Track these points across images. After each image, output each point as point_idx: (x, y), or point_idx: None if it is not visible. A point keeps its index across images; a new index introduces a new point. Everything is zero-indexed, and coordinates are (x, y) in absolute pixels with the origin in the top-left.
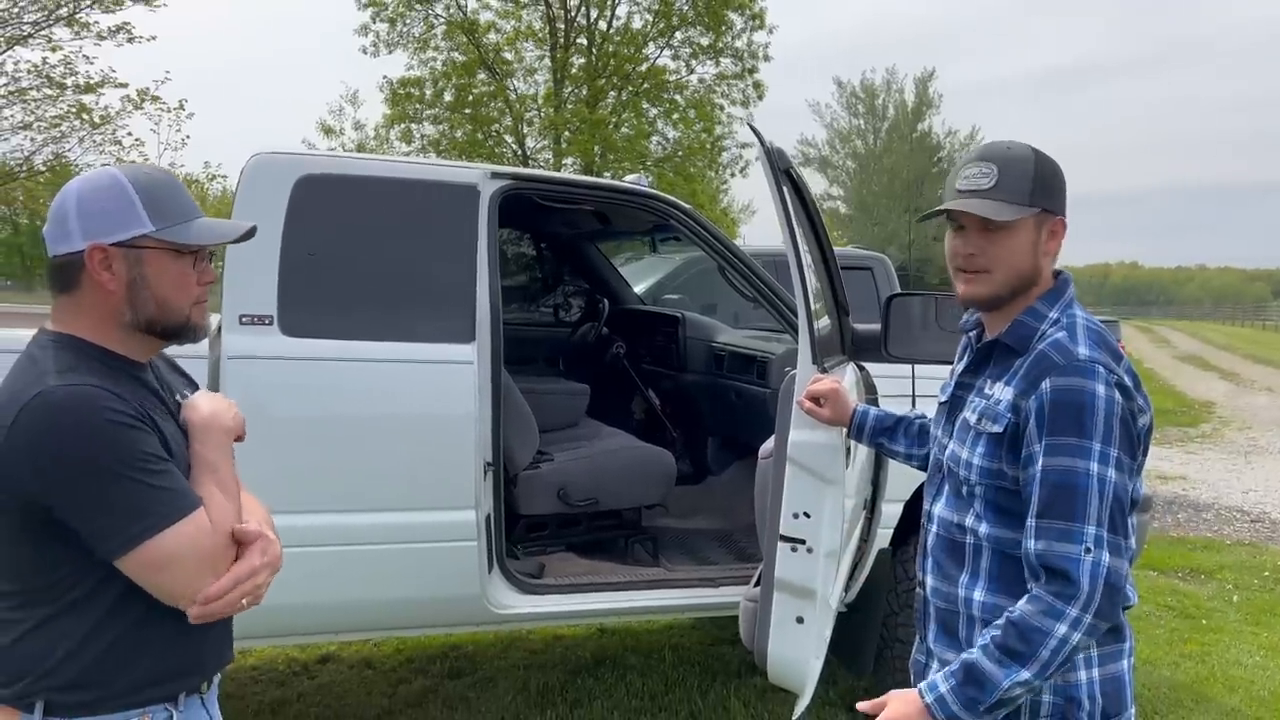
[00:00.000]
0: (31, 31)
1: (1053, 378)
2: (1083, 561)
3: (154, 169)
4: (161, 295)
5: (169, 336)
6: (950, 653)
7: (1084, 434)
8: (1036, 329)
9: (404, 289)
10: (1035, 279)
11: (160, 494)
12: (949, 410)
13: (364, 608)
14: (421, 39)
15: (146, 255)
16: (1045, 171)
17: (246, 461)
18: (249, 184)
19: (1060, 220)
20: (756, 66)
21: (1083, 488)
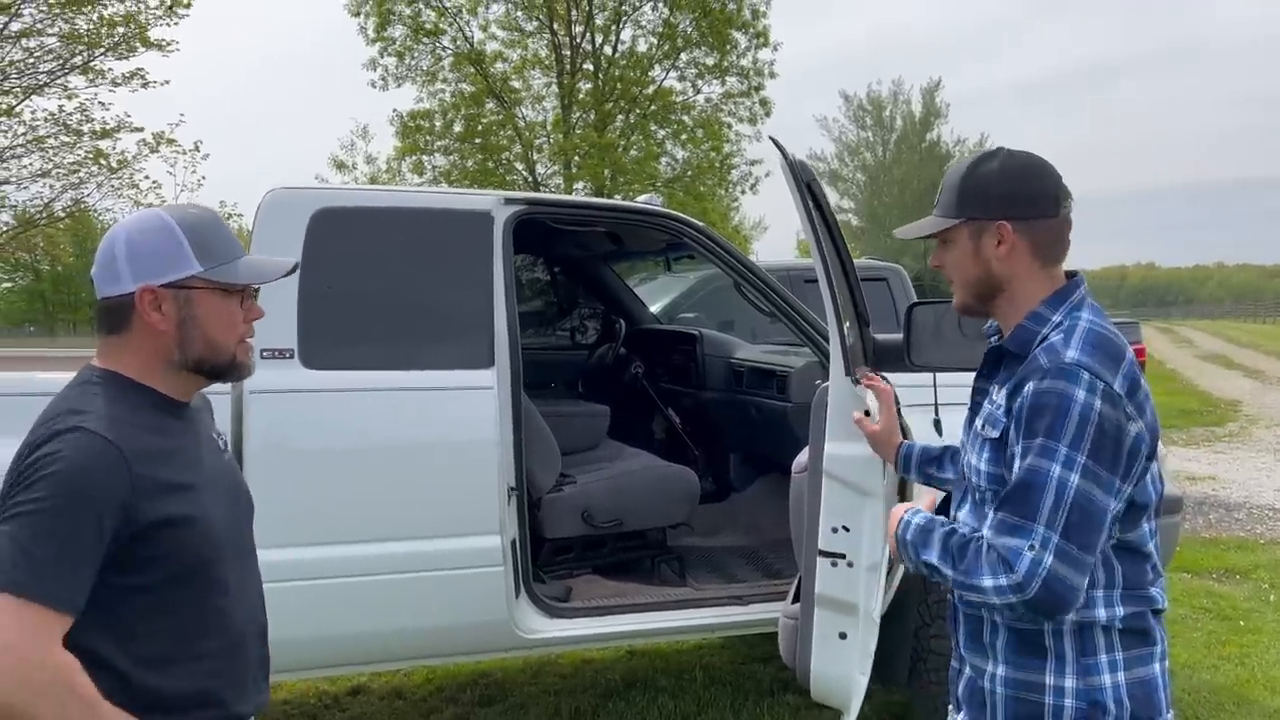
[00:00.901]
0: (47, 80)
1: (1035, 381)
2: (1023, 555)
3: (199, 208)
4: (210, 335)
5: (216, 375)
6: (979, 659)
7: (1053, 436)
8: (1038, 333)
9: (422, 317)
10: (997, 284)
11: (23, 559)
12: (970, 418)
13: (392, 637)
14: (430, 71)
15: (196, 295)
16: (976, 182)
17: (272, 494)
18: (266, 219)
19: (1000, 225)
20: (762, 84)
21: (1040, 486)
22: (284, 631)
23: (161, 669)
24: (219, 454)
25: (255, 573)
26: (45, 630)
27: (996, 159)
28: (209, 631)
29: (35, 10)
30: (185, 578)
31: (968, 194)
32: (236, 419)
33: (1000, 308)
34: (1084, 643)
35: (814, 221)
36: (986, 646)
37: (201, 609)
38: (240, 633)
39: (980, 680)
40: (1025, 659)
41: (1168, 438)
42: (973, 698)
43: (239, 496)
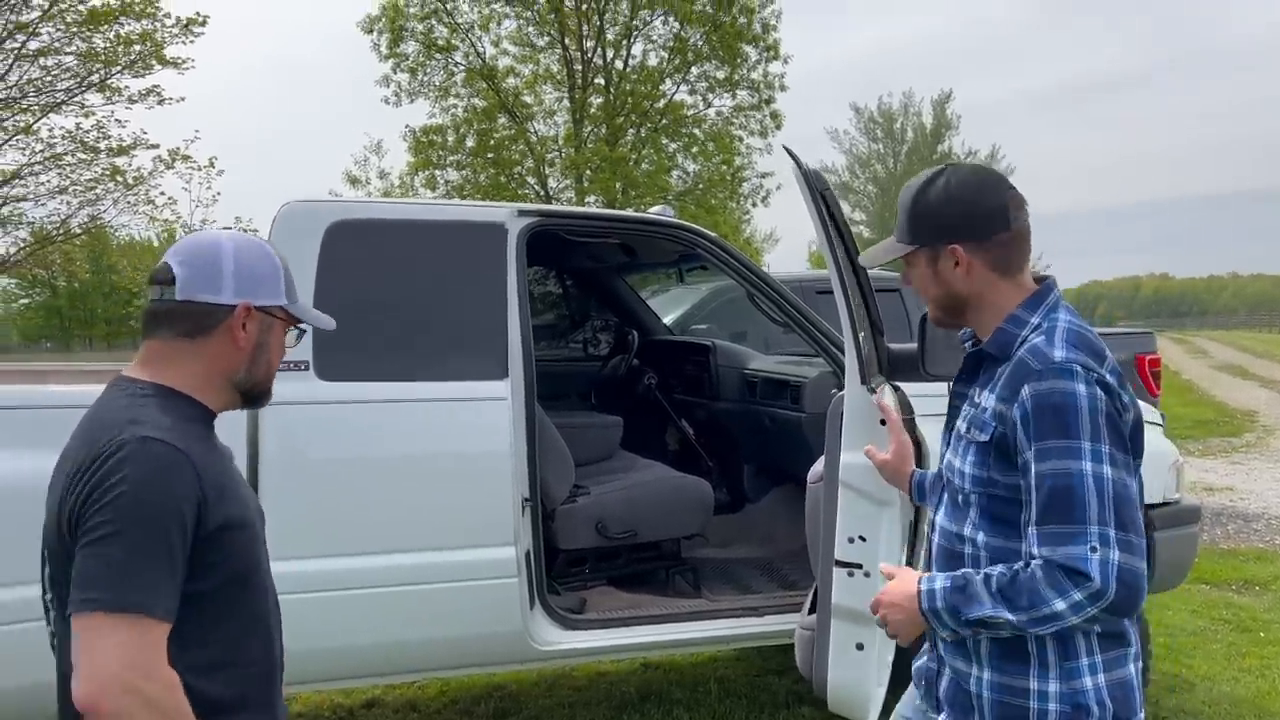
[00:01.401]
0: (65, 98)
1: (1031, 383)
2: (1091, 560)
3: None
4: (273, 361)
5: (258, 398)
6: (959, 662)
7: (1069, 434)
8: (1017, 335)
9: (436, 329)
10: (963, 301)
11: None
12: (948, 421)
13: (406, 649)
14: (442, 87)
15: (274, 324)
16: (924, 207)
17: (287, 506)
18: (281, 232)
19: (951, 247)
20: (773, 97)
21: (1078, 489)
22: (298, 643)
23: (210, 675)
24: (237, 470)
25: (275, 587)
26: (158, 644)
27: (942, 178)
28: (253, 636)
29: (53, 29)
30: (239, 582)
31: (918, 220)
32: (251, 430)
33: (972, 319)
34: (1065, 646)
35: (829, 231)
36: (970, 652)
37: (249, 614)
38: (274, 638)
39: (966, 684)
40: (1009, 664)
41: (1184, 448)
42: (957, 699)
43: (261, 515)
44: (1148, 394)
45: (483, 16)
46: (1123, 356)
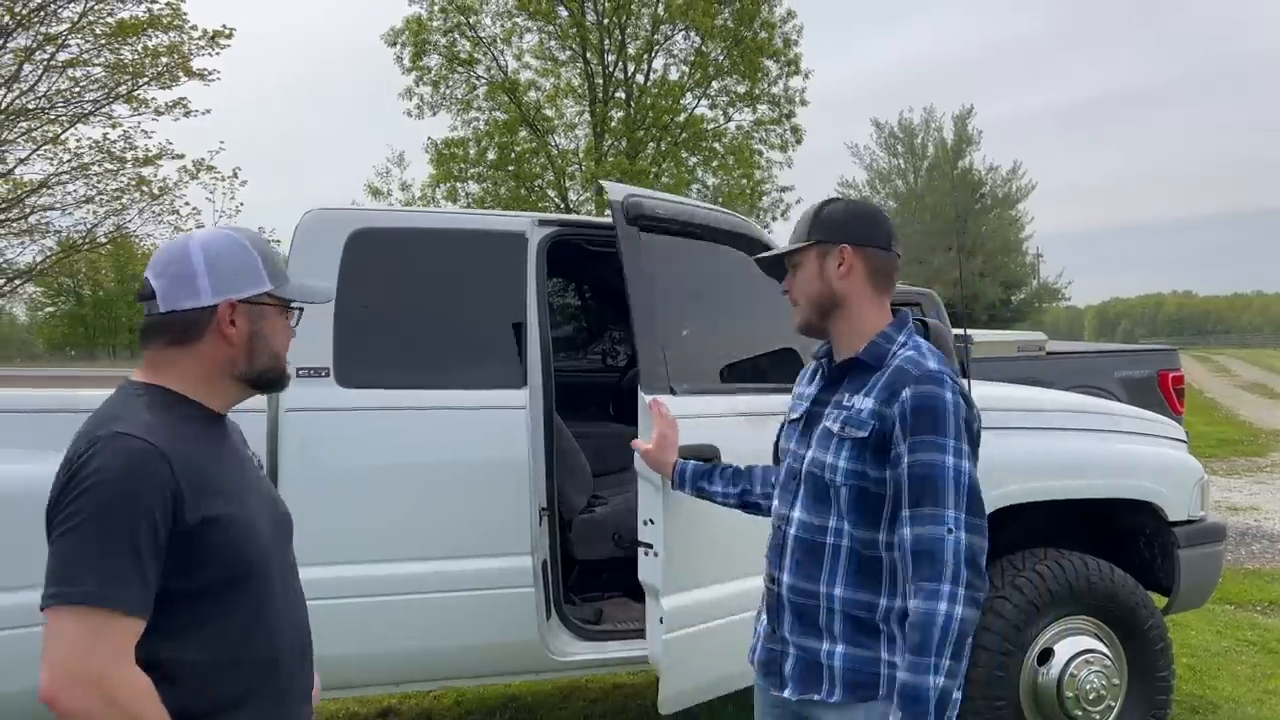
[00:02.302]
0: (92, 109)
1: (912, 386)
2: (946, 540)
3: (255, 232)
4: (273, 348)
5: (273, 385)
6: (809, 640)
7: (940, 432)
8: (889, 349)
9: (456, 337)
10: (835, 302)
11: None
12: (805, 424)
13: (423, 657)
14: (464, 100)
15: (265, 311)
16: (824, 211)
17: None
18: (304, 239)
19: (843, 247)
20: (793, 111)
21: (943, 479)
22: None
23: (215, 673)
24: (256, 470)
25: (298, 592)
26: (119, 640)
27: (842, 201)
28: (252, 642)
29: (82, 41)
30: (232, 583)
31: (817, 223)
32: (272, 437)
33: (838, 326)
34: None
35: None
36: (823, 630)
37: (246, 618)
38: (282, 648)
39: (817, 658)
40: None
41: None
42: (808, 673)
43: (277, 514)
44: (1170, 411)
45: (505, 30)
46: (1146, 373)
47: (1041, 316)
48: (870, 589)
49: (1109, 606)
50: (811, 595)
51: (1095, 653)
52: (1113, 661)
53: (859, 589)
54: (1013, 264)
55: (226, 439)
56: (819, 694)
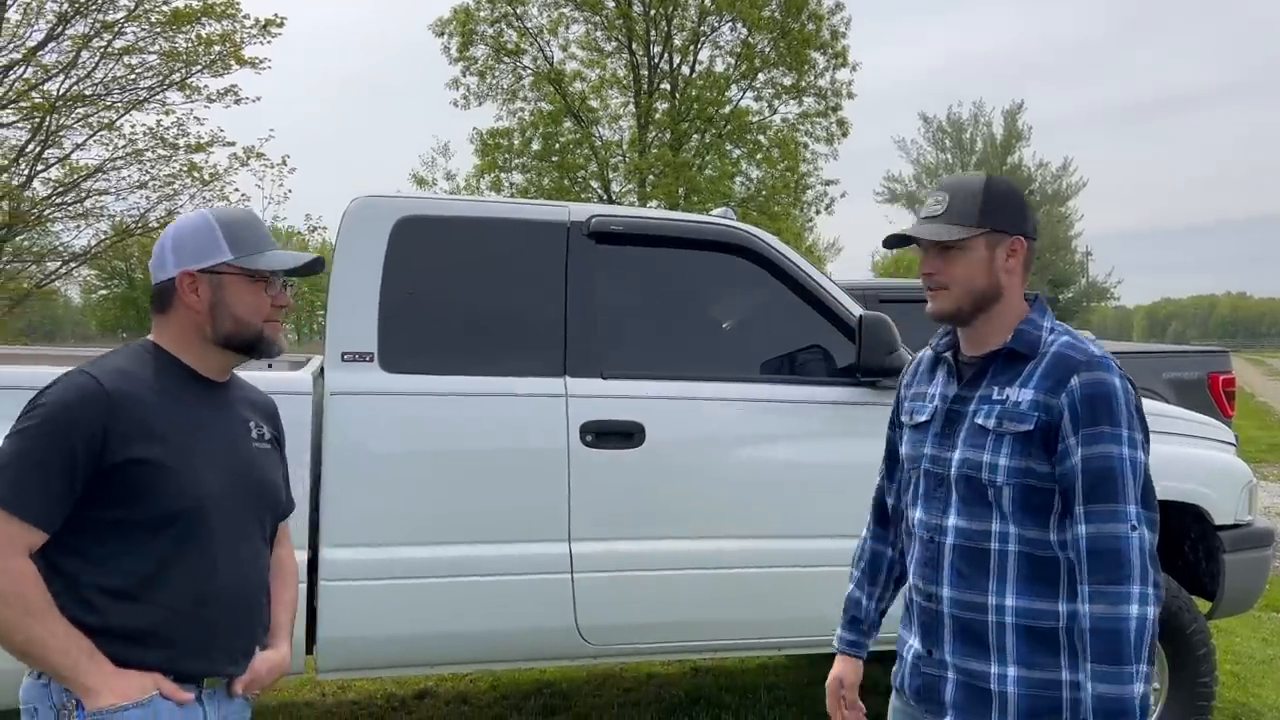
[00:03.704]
0: (147, 96)
1: (1081, 374)
2: (1130, 539)
3: (239, 209)
4: (238, 314)
5: (245, 350)
6: (976, 662)
7: (1115, 422)
8: (1039, 335)
9: (498, 324)
10: (996, 294)
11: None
12: (945, 425)
13: (458, 639)
14: (510, 90)
15: (226, 280)
16: (995, 195)
17: (349, 493)
18: (350, 226)
19: (1017, 239)
20: (840, 104)
21: (1120, 472)
22: (354, 630)
23: (120, 601)
24: (249, 443)
25: (256, 559)
26: (12, 535)
27: (1003, 181)
28: (178, 585)
29: (138, 29)
30: (155, 526)
31: (990, 208)
32: (317, 418)
33: (986, 318)
34: None
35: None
36: (992, 649)
37: (173, 562)
38: (209, 602)
39: (985, 684)
40: (1037, 657)
41: (1259, 472)
42: (973, 700)
43: (253, 485)
44: (1220, 414)
45: (551, 21)
46: (1196, 375)
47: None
48: (1047, 595)
49: None
50: (979, 608)
51: None
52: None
53: (1034, 596)
54: (1061, 262)
55: (215, 403)
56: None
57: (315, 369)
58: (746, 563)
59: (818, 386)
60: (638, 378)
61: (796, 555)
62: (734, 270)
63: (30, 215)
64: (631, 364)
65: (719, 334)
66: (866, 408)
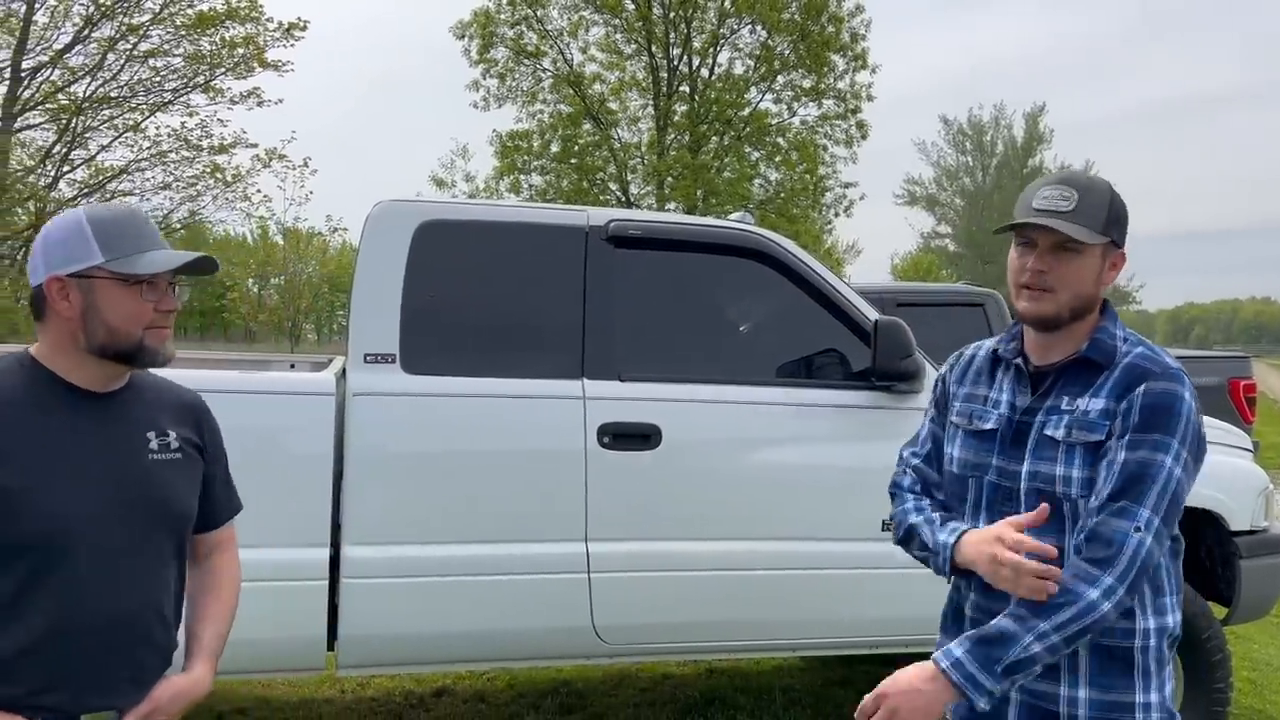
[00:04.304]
0: (171, 98)
1: (1150, 382)
2: (1130, 536)
3: (118, 206)
4: (111, 322)
5: (124, 360)
6: (1044, 684)
7: (1169, 432)
8: (1115, 345)
9: (517, 327)
10: (1093, 305)
11: None
12: (1014, 436)
13: (479, 637)
14: (530, 93)
15: (97, 285)
16: (1118, 205)
17: (371, 492)
18: (373, 230)
19: (1121, 254)
20: (859, 106)
21: (1153, 477)
22: (374, 628)
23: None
24: (144, 455)
25: (147, 580)
26: None
27: (1113, 186)
28: (36, 614)
29: (163, 32)
30: (10, 555)
31: (1115, 217)
32: (339, 419)
33: (1078, 325)
34: (1161, 657)
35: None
36: (1063, 669)
37: (30, 590)
38: (84, 627)
39: (1055, 706)
40: (1109, 678)
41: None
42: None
43: (139, 500)
44: (1241, 420)
45: (571, 23)
46: (1215, 380)
47: None
48: (1125, 612)
49: None
50: None
51: None
52: None
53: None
54: None
55: (93, 415)
56: None
57: (338, 370)
58: (761, 565)
59: (833, 390)
60: (655, 380)
61: (811, 558)
62: (751, 274)
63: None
64: (649, 367)
65: (736, 337)
66: (881, 412)
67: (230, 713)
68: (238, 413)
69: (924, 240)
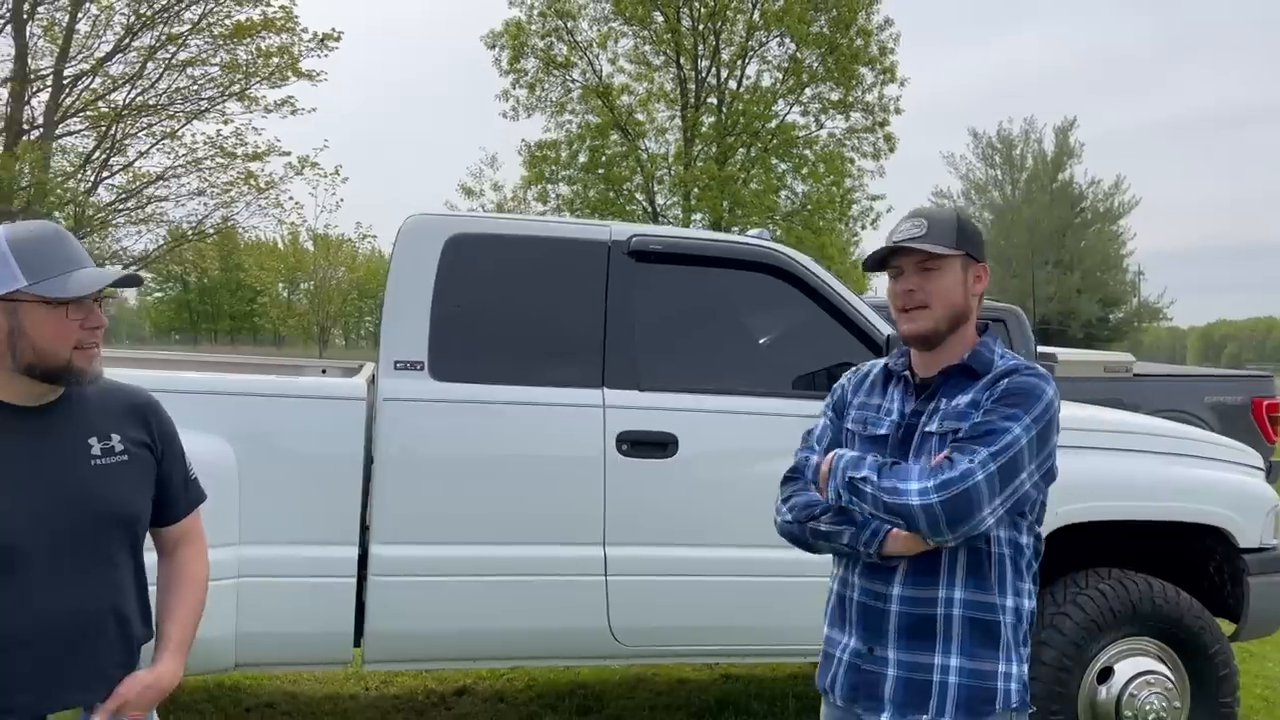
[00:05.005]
0: (208, 106)
1: (1015, 376)
2: (960, 461)
3: (40, 226)
4: (38, 344)
5: (52, 379)
6: (920, 655)
7: (1024, 409)
8: (992, 359)
9: (541, 337)
10: (966, 316)
11: None
12: (902, 437)
13: (500, 635)
14: (558, 103)
15: (21, 308)
16: (966, 224)
17: (399, 494)
18: (404, 243)
19: (983, 266)
20: (887, 119)
21: (1000, 432)
22: (400, 624)
23: None
24: (85, 463)
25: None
26: None
27: (959, 209)
28: None
29: (201, 41)
30: None
31: (965, 234)
32: (369, 423)
33: (953, 338)
34: (1017, 634)
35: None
36: (939, 639)
37: None
38: (33, 630)
39: (927, 675)
40: (980, 650)
41: None
42: (913, 694)
43: (81, 505)
44: (1263, 439)
45: (601, 35)
46: (1239, 399)
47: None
48: (989, 589)
49: (1172, 629)
50: (929, 603)
51: (1156, 674)
52: (1174, 684)
53: (978, 589)
54: (1112, 281)
55: (28, 429)
56: (926, 715)
57: (368, 375)
58: (773, 571)
59: None
60: (672, 390)
61: (822, 565)
62: (767, 289)
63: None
64: (667, 377)
65: (751, 350)
66: None
67: (258, 707)
68: (274, 415)
69: None
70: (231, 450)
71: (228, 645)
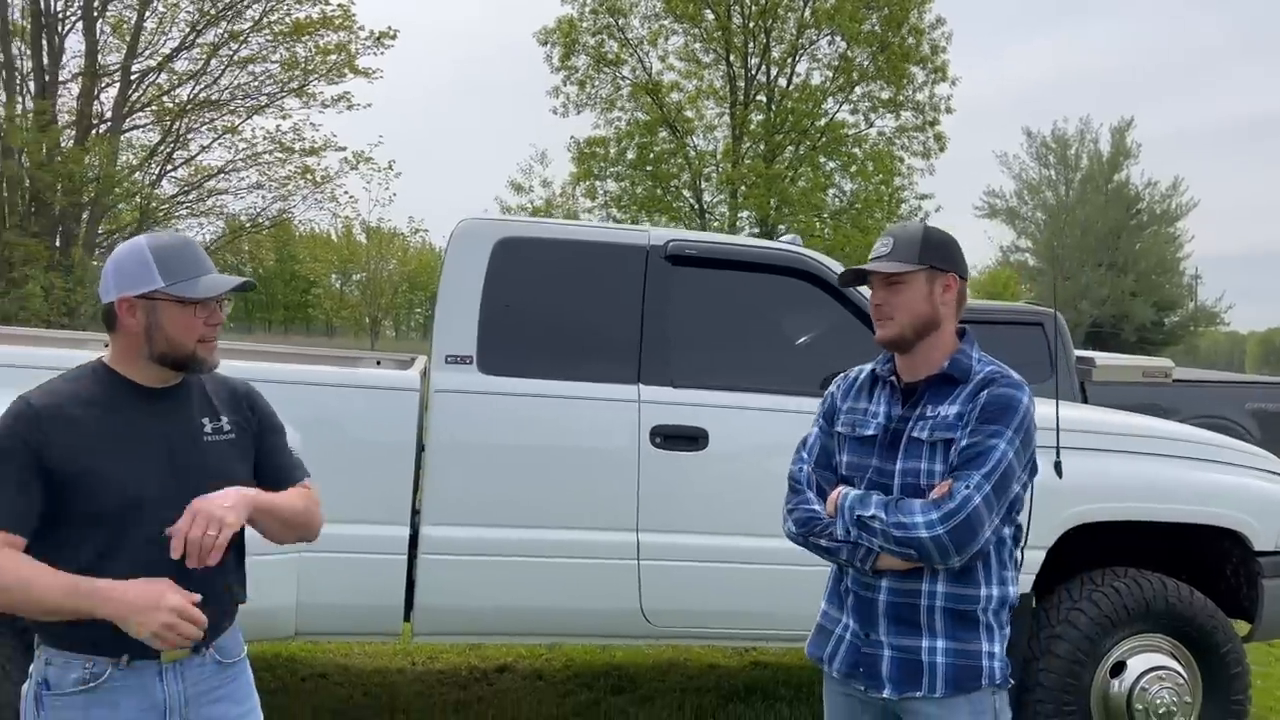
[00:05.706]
0: (267, 102)
1: (993, 388)
2: (959, 490)
3: (173, 235)
4: (170, 336)
5: (180, 367)
6: (908, 639)
7: (1004, 423)
8: (971, 365)
9: (582, 335)
10: (935, 323)
11: None
12: (888, 440)
13: (538, 613)
14: (608, 100)
15: (159, 305)
16: (933, 240)
17: (449, 479)
18: (457, 245)
19: (952, 275)
20: (938, 118)
21: (988, 451)
22: (446, 599)
23: None
24: (200, 440)
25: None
26: None
27: (939, 230)
28: (117, 569)
29: (262, 39)
30: (87, 521)
31: (929, 248)
32: (422, 412)
33: (925, 346)
34: (1000, 617)
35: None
36: (923, 628)
37: (94, 554)
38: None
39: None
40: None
41: None
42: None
43: (197, 474)
44: None
45: (651, 32)
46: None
47: (1197, 341)
48: (970, 583)
49: (1185, 627)
50: (913, 594)
51: (1168, 670)
52: (1186, 681)
53: (959, 583)
54: (1168, 284)
55: (157, 410)
56: (920, 690)
57: (421, 368)
58: (796, 560)
59: None
60: (704, 387)
61: None
62: (797, 292)
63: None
64: (699, 375)
65: (781, 350)
66: None
67: (312, 676)
68: (337, 403)
69: (1003, 254)
70: (299, 436)
71: (289, 615)
